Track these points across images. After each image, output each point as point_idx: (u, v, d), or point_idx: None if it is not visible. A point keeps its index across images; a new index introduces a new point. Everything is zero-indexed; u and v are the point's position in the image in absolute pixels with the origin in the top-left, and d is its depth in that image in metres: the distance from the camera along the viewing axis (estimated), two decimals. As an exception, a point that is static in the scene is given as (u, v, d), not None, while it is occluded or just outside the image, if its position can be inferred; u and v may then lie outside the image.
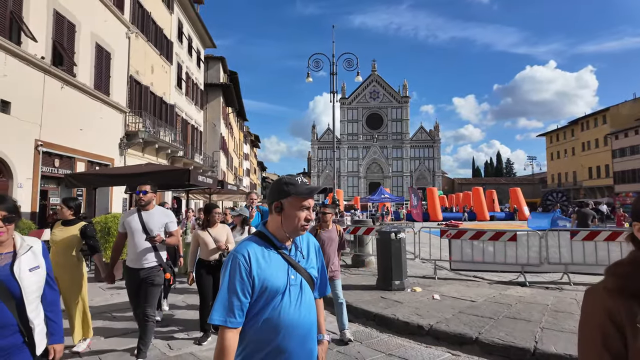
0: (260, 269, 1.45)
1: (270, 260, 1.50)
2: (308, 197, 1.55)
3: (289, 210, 1.53)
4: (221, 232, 4.58)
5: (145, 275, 3.65)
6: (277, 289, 1.47)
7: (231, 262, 1.45)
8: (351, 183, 78.15)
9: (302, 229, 1.55)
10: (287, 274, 1.51)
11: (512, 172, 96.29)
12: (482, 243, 7.51)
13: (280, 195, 1.55)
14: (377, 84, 79.11)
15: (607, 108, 50.58)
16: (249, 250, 1.47)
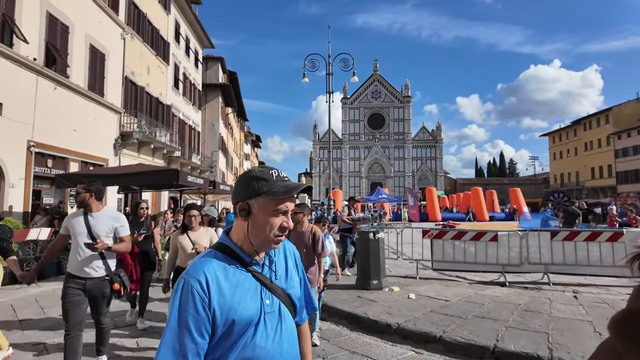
0: (223, 297, 1.08)
1: (237, 283, 1.12)
2: (285, 198, 1.16)
3: (259, 214, 1.15)
4: (202, 236, 4.10)
5: (92, 286, 3.26)
6: (249, 320, 1.11)
7: (182, 290, 1.07)
8: (353, 183, 78.10)
9: (275, 241, 1.17)
10: (260, 298, 1.15)
11: (516, 172, 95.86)
12: (464, 243, 7.55)
13: (248, 193, 1.16)
14: (379, 84, 79.01)
15: (610, 108, 50.24)
16: (205, 273, 1.08)
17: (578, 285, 6.90)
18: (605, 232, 7.12)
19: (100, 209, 3.45)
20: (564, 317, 4.92)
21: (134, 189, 11.14)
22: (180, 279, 1.10)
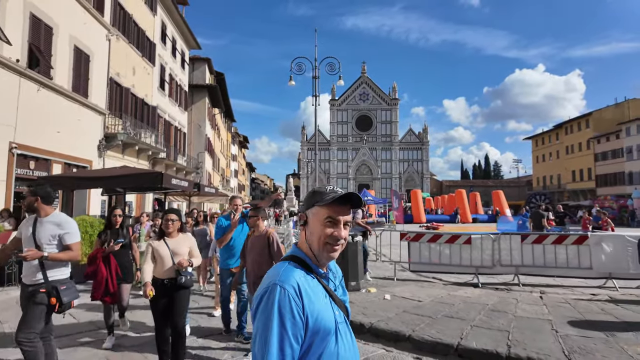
0: (312, 304, 1.13)
1: (316, 293, 1.18)
2: (333, 207, 1.22)
3: (312, 223, 1.25)
4: (181, 243, 3.76)
5: (30, 292, 3.10)
6: (329, 329, 1.15)
7: (278, 295, 1.10)
8: (340, 184, 78.30)
9: (329, 250, 1.23)
10: (332, 309, 1.20)
11: (500, 174, 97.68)
12: (439, 246, 7.84)
13: (306, 205, 1.29)
14: (367, 86, 79.62)
15: (590, 112, 51.68)
16: (296, 279, 1.14)
17: (546, 286, 7.26)
18: (572, 235, 7.50)
19: (49, 214, 3.23)
20: (527, 316, 5.23)
21: (119, 191, 11.17)
22: (271, 285, 1.12)
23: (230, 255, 4.92)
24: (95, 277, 4.43)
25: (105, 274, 4.42)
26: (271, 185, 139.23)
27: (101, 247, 4.57)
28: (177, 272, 3.63)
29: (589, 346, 4.10)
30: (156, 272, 3.65)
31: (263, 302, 1.11)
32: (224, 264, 4.95)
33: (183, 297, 3.71)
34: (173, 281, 3.62)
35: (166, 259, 3.63)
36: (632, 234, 7.51)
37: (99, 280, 4.40)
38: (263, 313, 1.10)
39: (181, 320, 3.70)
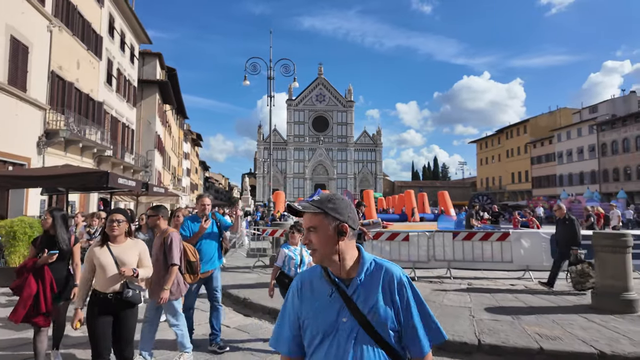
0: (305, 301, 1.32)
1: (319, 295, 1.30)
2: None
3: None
4: (129, 250, 3.10)
5: None
6: (319, 330, 1.25)
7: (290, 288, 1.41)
8: (297, 184, 78.65)
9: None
10: (337, 314, 1.25)
11: (448, 175, 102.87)
12: (380, 243, 8.44)
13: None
14: (324, 87, 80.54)
15: (527, 119, 56.17)
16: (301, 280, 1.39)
17: (474, 279, 8.05)
18: (496, 232, 8.39)
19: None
20: (452, 304, 5.87)
21: (60, 191, 10.72)
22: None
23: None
24: (21, 294, 3.52)
25: (35, 290, 3.51)
26: (226, 184, 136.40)
27: (35, 257, 3.69)
28: (123, 285, 2.98)
29: (497, 327, 4.76)
30: (98, 285, 3.01)
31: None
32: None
33: (131, 317, 3.07)
34: (119, 296, 2.96)
35: (109, 269, 2.95)
36: (547, 232, 8.55)
37: (24, 297, 3.47)
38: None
39: (129, 348, 3.07)
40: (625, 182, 41.57)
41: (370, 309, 1.25)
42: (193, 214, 4.71)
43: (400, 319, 1.27)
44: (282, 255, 4.36)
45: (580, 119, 49.27)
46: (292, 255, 4.33)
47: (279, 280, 4.29)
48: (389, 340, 1.25)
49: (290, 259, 4.31)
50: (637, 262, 7.72)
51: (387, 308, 1.26)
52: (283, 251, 4.37)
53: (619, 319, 5.09)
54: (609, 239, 5.59)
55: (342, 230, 1.27)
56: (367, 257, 1.34)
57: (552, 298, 6.28)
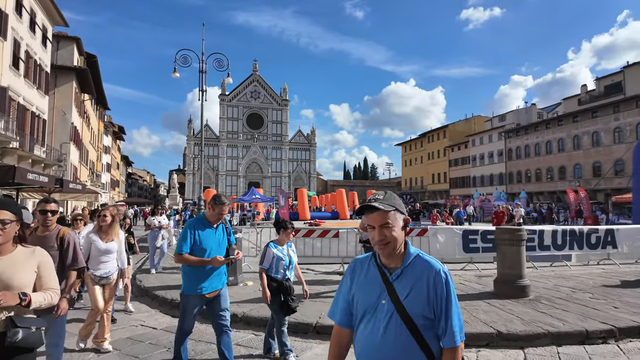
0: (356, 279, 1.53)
1: (367, 277, 1.50)
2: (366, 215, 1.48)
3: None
4: (18, 264, 2.00)
5: None
6: (363, 307, 1.47)
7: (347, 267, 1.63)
8: (230, 182, 76.77)
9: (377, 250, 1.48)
10: (378, 296, 1.45)
11: (376, 175, 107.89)
12: (312, 240, 8.73)
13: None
14: (259, 84, 79.57)
15: (446, 125, 61.10)
16: (354, 265, 1.59)
17: (397, 272, 8.71)
18: (416, 228, 9.14)
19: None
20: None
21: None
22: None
23: (204, 274, 3.46)
24: None
25: None
26: (151, 181, 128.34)
27: None
28: (6, 322, 1.86)
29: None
30: None
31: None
32: (191, 287, 3.47)
33: None
34: (1, 337, 1.84)
35: None
36: (460, 227, 9.50)
37: None
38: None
39: None
40: (526, 184, 47.29)
41: (407, 296, 1.39)
42: (200, 216, 3.62)
43: (435, 310, 1.39)
44: (269, 256, 3.90)
45: (491, 126, 54.95)
46: (281, 256, 3.92)
47: (269, 285, 3.88)
48: (420, 327, 1.37)
49: (279, 260, 3.90)
50: (533, 254, 9.02)
51: (423, 298, 1.39)
52: (271, 251, 3.87)
53: (514, 303, 5.92)
54: (508, 233, 6.46)
55: (406, 223, 1.50)
56: (412, 250, 1.52)
57: (461, 287, 7.06)
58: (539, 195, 45.21)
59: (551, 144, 44.91)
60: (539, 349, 4.42)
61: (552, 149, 44.67)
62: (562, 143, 43.66)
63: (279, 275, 3.92)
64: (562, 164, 43.32)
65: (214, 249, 3.50)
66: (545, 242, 9.13)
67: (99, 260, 4.34)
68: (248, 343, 4.68)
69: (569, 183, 39.66)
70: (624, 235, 9.72)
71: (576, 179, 40.32)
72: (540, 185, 45.98)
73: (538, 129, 47.13)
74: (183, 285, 3.56)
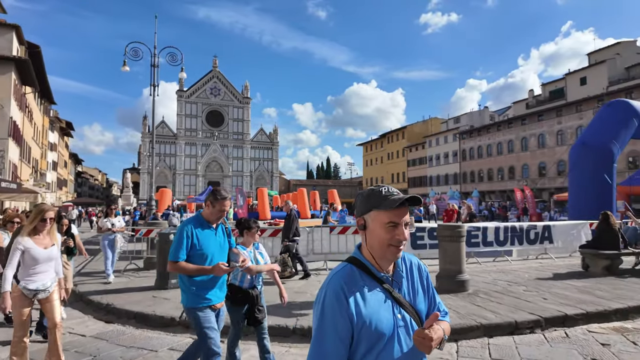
0: (359, 306, 1.18)
1: (370, 296, 1.22)
2: (394, 211, 1.23)
3: (373, 228, 1.25)
4: None
5: None
6: (382, 332, 1.19)
7: (323, 300, 1.19)
8: (188, 181, 74.45)
9: (392, 253, 1.24)
10: (392, 312, 1.23)
11: (339, 175, 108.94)
12: (264, 239, 8.60)
13: (363, 209, 1.29)
14: (219, 81, 77.75)
15: (405, 126, 62.83)
16: (343, 285, 1.20)
17: (347, 270, 8.77)
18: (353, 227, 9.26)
19: None
20: (322, 294, 6.33)
21: None
22: (321, 290, 1.23)
23: (210, 282, 2.87)
24: None
25: None
26: (103, 180, 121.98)
27: None
28: None
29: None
30: None
31: (314, 306, 1.23)
32: (197, 298, 2.82)
33: None
34: None
35: None
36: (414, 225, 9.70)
37: None
38: (314, 314, 1.21)
39: None
40: (479, 183, 49.62)
41: (413, 299, 1.31)
42: (197, 215, 3.03)
43: (429, 302, 1.37)
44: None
45: (447, 128, 57.18)
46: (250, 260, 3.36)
47: (232, 296, 3.26)
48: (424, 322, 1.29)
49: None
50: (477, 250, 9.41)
51: (424, 295, 1.35)
52: (242, 253, 3.24)
53: (453, 297, 6.13)
54: (448, 230, 6.68)
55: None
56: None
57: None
58: (491, 194, 47.58)
59: (502, 145, 47.42)
60: (471, 341, 4.58)
61: (503, 150, 47.18)
62: (511, 144, 46.22)
63: (245, 284, 3.30)
64: (512, 164, 45.86)
65: (216, 254, 2.88)
66: (489, 239, 9.56)
67: (36, 270, 3.48)
68: (184, 347, 4.49)
69: (518, 182, 42.03)
70: (559, 231, 10.38)
71: (524, 179, 42.81)
72: (492, 185, 48.40)
73: (490, 131, 49.58)
74: (185, 297, 2.84)
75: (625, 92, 33.33)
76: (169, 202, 30.54)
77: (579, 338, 4.59)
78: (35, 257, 3.47)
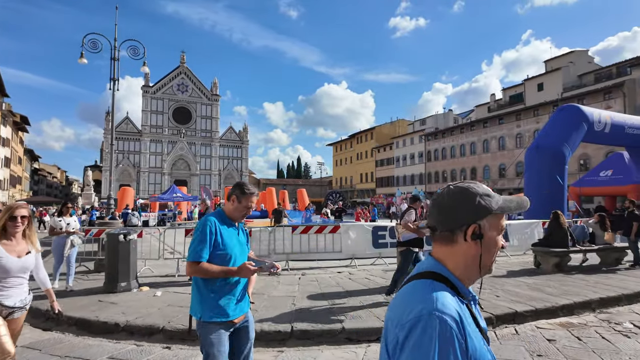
0: (471, 339, 0.89)
1: (472, 324, 0.94)
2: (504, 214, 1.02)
3: (491, 236, 0.99)
4: None
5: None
6: None
7: (439, 331, 0.83)
8: (153, 180, 71.99)
9: (491, 268, 1.01)
10: (484, 343, 0.96)
11: (309, 174, 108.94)
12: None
13: (477, 213, 0.99)
14: (186, 77, 75.62)
15: (373, 127, 63.69)
16: (457, 309, 0.89)
17: (309, 269, 8.64)
18: (329, 225, 9.22)
19: None
20: (279, 295, 6.18)
21: None
22: (425, 314, 0.85)
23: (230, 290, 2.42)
24: None
25: None
26: (63, 178, 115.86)
27: None
28: None
29: (312, 312, 5.21)
30: None
31: (414, 337, 0.84)
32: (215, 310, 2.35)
33: None
34: None
35: None
36: (370, 224, 9.76)
37: None
38: (416, 353, 0.83)
39: None
40: (443, 183, 50.90)
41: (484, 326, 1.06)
42: (218, 211, 2.59)
43: None
44: None
45: (413, 129, 58.50)
46: None
47: None
48: None
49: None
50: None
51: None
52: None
53: (410, 295, 6.15)
54: (407, 229, 6.70)
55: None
56: None
57: (365, 282, 7.22)
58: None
59: (465, 147, 49.01)
60: (424, 340, 4.59)
61: (466, 151, 48.77)
62: (474, 146, 47.86)
63: None
64: (474, 165, 47.49)
65: (238, 256, 2.49)
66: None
67: (8, 284, 2.80)
68: (125, 355, 4.22)
69: (479, 183, 43.53)
70: (514, 230, 10.76)
71: (485, 179, 44.43)
72: (456, 185, 49.97)
73: (454, 133, 51.12)
74: (198, 308, 2.38)
75: (577, 98, 35.29)
76: (130, 200, 29.34)
77: (528, 334, 4.71)
78: (6, 268, 2.73)
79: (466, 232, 0.98)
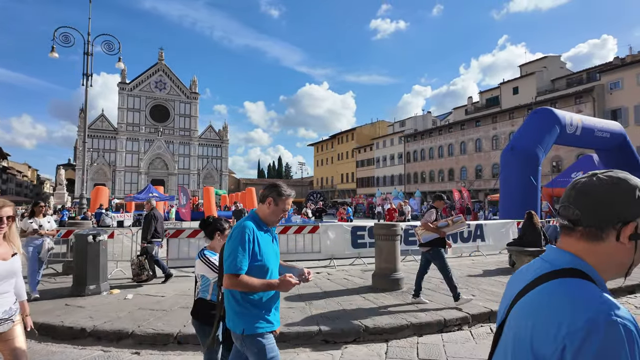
0: None
1: None
2: None
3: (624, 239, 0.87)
4: None
5: None
6: None
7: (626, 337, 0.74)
8: (129, 179, 70.18)
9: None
10: None
11: (290, 174, 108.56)
12: (198, 240, 8.16)
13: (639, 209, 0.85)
14: (165, 75, 74.04)
15: (354, 128, 64.01)
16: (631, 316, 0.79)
17: (287, 270, 8.56)
18: (308, 226, 9.14)
19: None
20: (256, 297, 6.06)
21: None
22: (606, 322, 0.74)
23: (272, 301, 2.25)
24: None
25: None
26: (34, 177, 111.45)
27: None
28: None
29: (289, 315, 5.12)
30: None
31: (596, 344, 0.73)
32: (261, 321, 2.18)
33: None
34: None
35: None
36: (350, 224, 9.74)
37: None
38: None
39: None
40: (422, 184, 51.80)
41: None
42: (252, 214, 2.33)
43: None
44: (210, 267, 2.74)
45: (393, 131, 59.13)
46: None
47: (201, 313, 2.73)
48: None
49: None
50: (414, 248, 9.61)
51: None
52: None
53: (387, 296, 6.15)
54: (384, 228, 6.72)
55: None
56: None
57: (344, 282, 7.18)
58: (432, 194, 49.81)
59: (442, 148, 49.87)
60: (401, 341, 4.57)
61: (444, 153, 49.62)
62: (451, 148, 48.74)
63: (216, 297, 2.62)
64: (451, 166, 48.38)
65: (275, 267, 2.31)
66: (426, 237, 9.83)
67: None
68: (91, 362, 4.03)
69: (457, 184, 44.39)
70: (490, 229, 10.97)
71: (462, 180, 45.32)
72: (433, 186, 50.71)
73: (432, 135, 51.93)
74: (239, 322, 2.17)
75: (550, 102, 36.45)
76: (105, 200, 28.45)
77: (501, 333, 4.76)
78: None
79: (620, 231, 0.84)
